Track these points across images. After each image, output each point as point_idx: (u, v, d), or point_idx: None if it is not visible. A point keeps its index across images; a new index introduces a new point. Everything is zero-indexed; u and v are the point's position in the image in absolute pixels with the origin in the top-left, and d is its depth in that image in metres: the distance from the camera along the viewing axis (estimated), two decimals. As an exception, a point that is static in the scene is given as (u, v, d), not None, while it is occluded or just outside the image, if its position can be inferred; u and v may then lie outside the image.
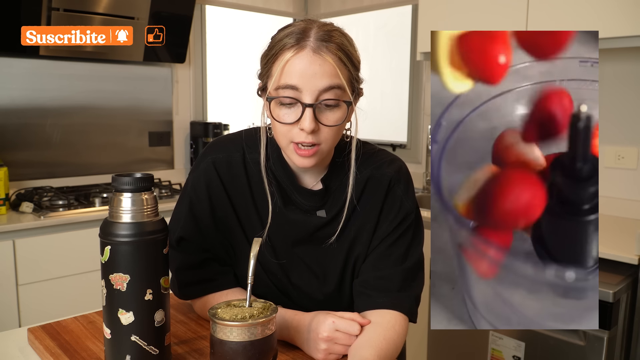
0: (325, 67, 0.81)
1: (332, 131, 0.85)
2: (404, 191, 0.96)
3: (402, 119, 2.98)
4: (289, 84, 0.81)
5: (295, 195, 0.94)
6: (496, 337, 1.83)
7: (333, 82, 0.81)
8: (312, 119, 0.81)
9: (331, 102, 0.83)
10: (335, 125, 0.84)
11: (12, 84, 2.35)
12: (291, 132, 0.84)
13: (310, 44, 0.81)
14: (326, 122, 0.83)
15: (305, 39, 0.81)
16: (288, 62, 0.81)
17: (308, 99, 0.81)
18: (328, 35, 0.82)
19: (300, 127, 0.82)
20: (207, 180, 0.94)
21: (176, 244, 0.95)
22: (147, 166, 2.81)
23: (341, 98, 0.83)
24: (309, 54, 0.81)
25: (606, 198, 2.11)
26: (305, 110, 0.81)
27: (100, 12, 2.38)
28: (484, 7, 2.16)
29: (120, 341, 0.74)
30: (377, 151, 0.99)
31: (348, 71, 0.84)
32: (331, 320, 0.82)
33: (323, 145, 0.85)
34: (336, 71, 0.82)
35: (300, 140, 0.83)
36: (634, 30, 1.75)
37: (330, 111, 0.83)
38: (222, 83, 3.15)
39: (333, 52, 0.82)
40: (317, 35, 0.82)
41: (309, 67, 0.80)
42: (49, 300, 2.05)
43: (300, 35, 0.82)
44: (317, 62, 0.80)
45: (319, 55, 0.81)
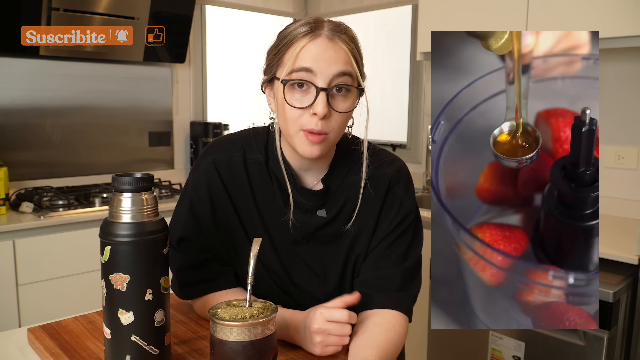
0: (340, 53, 0.84)
1: (341, 119, 0.86)
2: (404, 191, 0.96)
3: (402, 119, 2.98)
4: (303, 67, 0.83)
5: (295, 194, 0.94)
6: (496, 337, 1.83)
7: (346, 68, 0.84)
8: (325, 104, 0.83)
9: (344, 87, 0.85)
10: (346, 112, 0.86)
11: (12, 84, 2.35)
12: (302, 118, 0.85)
13: (325, 33, 0.84)
14: (338, 108, 0.85)
15: (319, 29, 0.85)
16: (304, 48, 0.84)
17: (322, 83, 0.83)
18: (339, 27, 0.86)
19: (314, 111, 0.83)
20: (208, 181, 0.94)
21: (177, 244, 0.95)
22: (147, 166, 2.81)
23: (353, 84, 0.86)
24: (324, 41, 0.84)
25: (606, 198, 2.10)
26: (320, 94, 0.83)
27: (100, 12, 2.38)
28: (484, 7, 2.16)
29: (120, 341, 0.74)
30: (378, 151, 0.99)
31: (357, 64, 0.87)
32: (319, 312, 0.83)
33: (331, 134, 0.86)
34: (349, 59, 0.85)
35: (310, 128, 0.84)
36: (634, 30, 1.75)
37: (342, 98, 0.85)
38: (222, 83, 3.15)
39: (346, 42, 0.85)
40: (330, 27, 0.85)
41: (324, 52, 0.83)
42: (49, 300, 2.05)
43: (314, 25, 0.85)
44: (332, 48, 0.84)
45: (334, 42, 0.84)
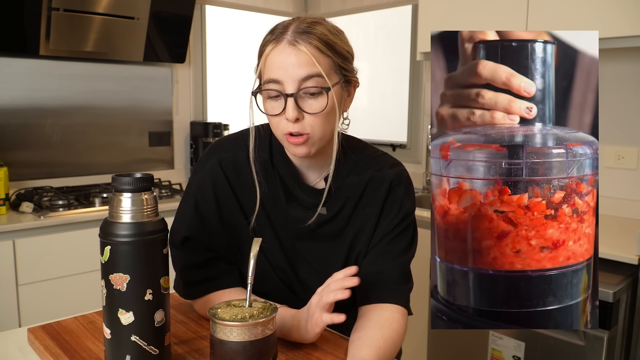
0: (301, 56, 0.84)
1: (318, 119, 0.86)
2: (405, 192, 0.98)
3: (402, 119, 2.98)
4: (271, 78, 0.86)
5: (297, 191, 0.95)
6: (496, 337, 1.83)
7: (311, 70, 0.84)
8: (295, 108, 0.85)
9: (312, 90, 0.85)
10: (319, 112, 0.86)
11: (12, 84, 2.35)
12: (281, 124, 0.87)
13: (287, 37, 0.85)
14: (309, 109, 0.86)
15: (284, 34, 0.86)
16: (268, 57, 0.86)
17: (290, 89, 0.85)
18: (308, 27, 0.86)
19: (285, 117, 0.85)
20: (213, 180, 0.95)
21: (180, 244, 0.96)
22: (147, 166, 2.81)
23: (321, 85, 0.86)
24: (285, 47, 0.85)
25: (606, 198, 2.11)
26: (288, 100, 0.85)
27: (100, 12, 2.38)
28: (484, 7, 2.16)
29: (120, 341, 0.74)
30: (380, 154, 1.01)
31: (329, 59, 0.86)
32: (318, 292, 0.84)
33: (311, 133, 0.87)
34: (312, 60, 0.84)
35: (288, 131, 0.86)
36: (634, 30, 1.75)
37: (313, 99, 0.86)
38: (222, 83, 3.15)
39: (309, 42, 0.85)
40: (296, 29, 0.86)
41: (286, 59, 0.84)
42: (49, 300, 2.05)
43: (281, 30, 0.86)
44: (292, 53, 0.84)
45: (293, 46, 0.84)
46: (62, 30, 2.31)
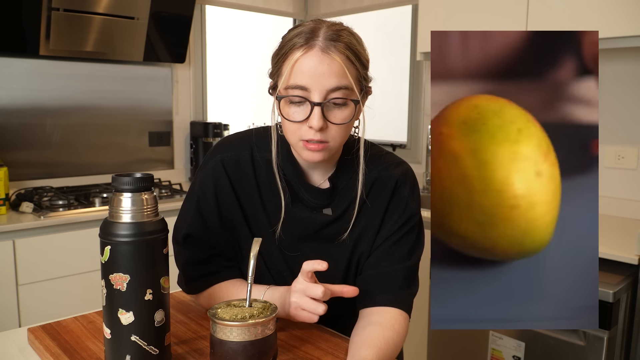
0: (333, 66, 0.82)
1: (340, 129, 0.86)
2: (410, 193, 0.97)
3: (402, 119, 2.98)
4: (298, 84, 0.83)
5: (302, 192, 0.95)
6: (496, 337, 1.83)
7: (341, 82, 0.83)
8: (321, 117, 0.83)
9: (339, 101, 0.84)
10: (343, 124, 0.85)
11: (12, 84, 2.35)
12: (300, 130, 0.85)
13: (319, 43, 0.82)
14: (334, 120, 0.85)
15: (314, 39, 0.83)
16: (297, 62, 0.83)
17: (317, 98, 0.83)
18: (336, 34, 0.84)
19: (309, 124, 0.84)
20: (214, 179, 0.95)
21: (183, 241, 0.96)
22: (147, 166, 2.81)
23: (349, 97, 0.85)
24: (317, 54, 0.82)
25: (606, 198, 2.11)
26: (314, 109, 0.83)
27: (100, 12, 2.38)
28: (484, 7, 2.16)
29: (120, 341, 0.74)
30: (385, 154, 1.01)
31: (356, 70, 0.85)
32: (300, 285, 0.85)
33: (331, 142, 0.86)
34: (344, 71, 0.83)
35: (309, 138, 0.85)
36: (634, 30, 1.75)
37: (339, 109, 0.85)
38: (222, 83, 3.15)
39: (341, 52, 0.83)
40: (326, 35, 0.83)
41: (317, 67, 0.82)
42: (49, 300, 2.05)
43: (310, 34, 0.83)
44: (325, 61, 0.82)
45: (327, 54, 0.82)
46: (62, 30, 2.31)
